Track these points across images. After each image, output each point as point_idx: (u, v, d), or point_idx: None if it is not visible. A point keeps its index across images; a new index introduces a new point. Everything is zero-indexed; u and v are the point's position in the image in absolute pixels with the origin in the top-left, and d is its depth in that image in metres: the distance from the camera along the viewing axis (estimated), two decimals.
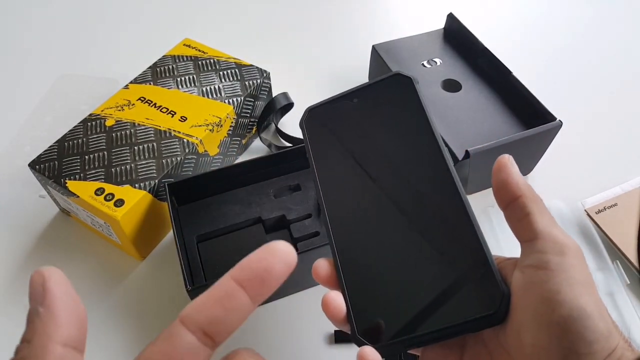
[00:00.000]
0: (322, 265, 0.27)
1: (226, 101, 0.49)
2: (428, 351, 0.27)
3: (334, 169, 0.30)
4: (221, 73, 0.52)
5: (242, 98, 0.50)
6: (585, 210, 0.46)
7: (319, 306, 0.27)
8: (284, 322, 0.41)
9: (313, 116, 0.32)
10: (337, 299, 0.26)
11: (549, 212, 0.25)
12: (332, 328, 0.41)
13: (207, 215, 0.44)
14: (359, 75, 0.62)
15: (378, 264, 0.26)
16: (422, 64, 0.56)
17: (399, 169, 0.28)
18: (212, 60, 0.53)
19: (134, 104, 0.49)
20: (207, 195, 0.46)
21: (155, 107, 0.48)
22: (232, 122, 0.50)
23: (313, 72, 0.64)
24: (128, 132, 0.46)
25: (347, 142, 0.30)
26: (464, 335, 0.26)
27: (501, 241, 0.45)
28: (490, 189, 0.27)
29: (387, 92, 0.30)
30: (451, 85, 0.53)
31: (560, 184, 0.50)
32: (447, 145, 0.46)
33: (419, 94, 0.29)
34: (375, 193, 0.28)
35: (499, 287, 0.23)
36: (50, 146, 0.45)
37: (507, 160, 0.26)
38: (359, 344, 0.25)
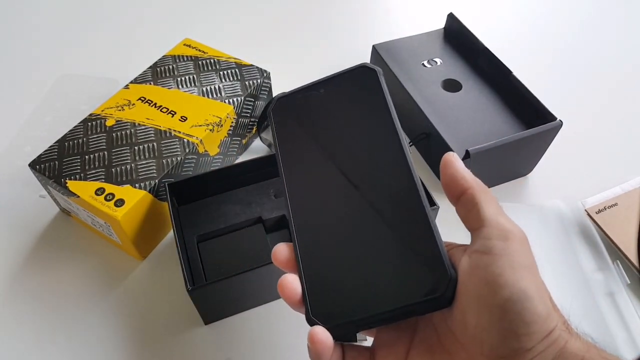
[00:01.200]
0: (282, 250, 0.28)
1: (226, 101, 0.49)
2: (382, 333, 0.28)
3: (297, 157, 0.31)
4: (221, 73, 0.52)
5: (242, 98, 0.50)
6: (585, 210, 0.46)
7: None
8: (284, 322, 0.41)
9: (281, 105, 0.33)
10: (293, 281, 0.27)
11: (496, 201, 0.26)
12: None
13: (207, 215, 0.44)
14: None
15: (334, 249, 0.27)
16: (423, 63, 0.56)
17: (358, 158, 0.29)
18: (212, 60, 0.53)
19: (134, 104, 0.49)
20: (207, 195, 0.46)
21: (155, 107, 0.48)
22: (232, 122, 0.50)
23: (313, 72, 0.64)
24: (128, 132, 0.46)
25: (311, 130, 0.31)
26: (415, 318, 0.27)
27: None
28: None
29: (353, 83, 0.31)
30: (451, 85, 0.53)
31: (560, 183, 0.50)
32: (447, 138, 0.46)
33: (383, 86, 0.30)
34: (334, 180, 0.29)
35: (446, 271, 0.24)
36: (51, 146, 0.45)
37: (452, 157, 0.27)
38: (312, 324, 0.26)
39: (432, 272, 0.24)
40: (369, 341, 0.28)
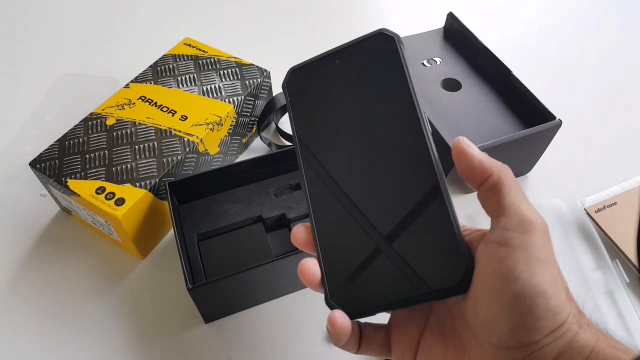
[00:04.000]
0: (300, 231, 0.29)
1: (226, 100, 0.49)
2: (397, 313, 0.29)
3: (314, 131, 0.30)
4: (221, 72, 0.52)
5: (243, 97, 0.50)
6: (585, 209, 0.46)
7: (319, 305, 0.27)
8: (284, 321, 0.41)
9: (295, 77, 0.32)
10: (313, 265, 0.27)
11: (519, 185, 0.25)
12: None
13: (207, 214, 0.45)
14: None
15: (352, 233, 0.27)
16: (422, 63, 0.56)
17: (376, 133, 0.28)
18: (212, 60, 0.53)
19: (134, 103, 0.49)
20: (207, 194, 0.46)
21: (155, 106, 0.48)
22: (232, 121, 0.50)
23: None
24: (129, 131, 0.46)
25: (328, 103, 0.30)
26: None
27: None
28: None
29: (370, 51, 0.30)
30: (451, 85, 0.53)
31: (559, 183, 0.51)
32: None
33: (401, 54, 0.28)
34: (353, 156, 0.28)
35: (463, 260, 0.24)
36: (51, 145, 0.45)
37: (464, 144, 0.26)
38: (331, 308, 0.26)
39: (450, 261, 0.24)
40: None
